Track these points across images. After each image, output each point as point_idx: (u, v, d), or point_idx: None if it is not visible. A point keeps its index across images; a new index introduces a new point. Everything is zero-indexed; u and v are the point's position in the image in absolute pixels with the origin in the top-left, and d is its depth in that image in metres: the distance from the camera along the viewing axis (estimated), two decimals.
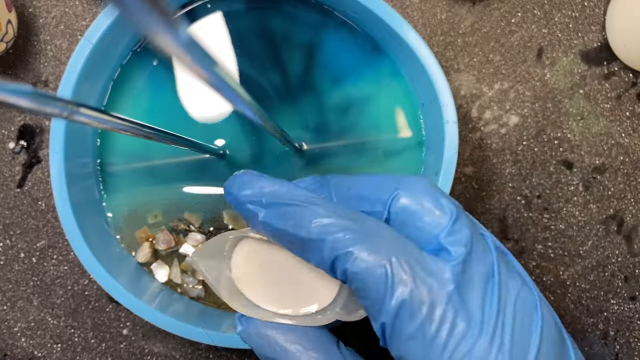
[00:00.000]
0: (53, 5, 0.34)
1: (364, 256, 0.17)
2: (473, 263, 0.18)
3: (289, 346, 0.21)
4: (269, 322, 0.21)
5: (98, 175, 0.32)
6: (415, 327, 0.17)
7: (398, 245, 0.18)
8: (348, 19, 0.32)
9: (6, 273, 0.34)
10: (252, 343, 0.22)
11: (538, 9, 0.35)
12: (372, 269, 0.17)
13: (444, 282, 0.17)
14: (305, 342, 0.21)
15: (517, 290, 0.18)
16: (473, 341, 0.17)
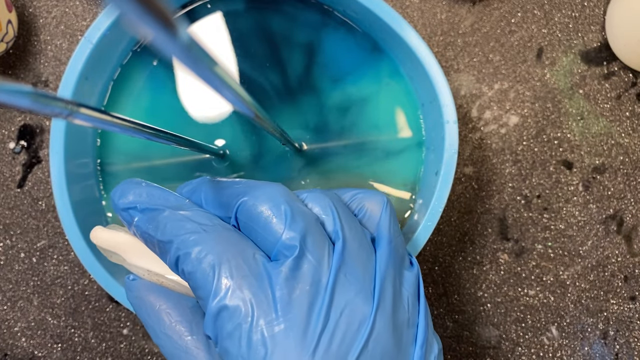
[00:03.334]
0: (53, 6, 0.34)
1: (199, 257, 0.18)
2: (302, 269, 0.18)
3: (161, 313, 0.22)
4: (152, 289, 0.22)
5: (98, 175, 0.32)
6: (233, 327, 0.17)
7: (234, 248, 0.19)
8: (348, 19, 0.32)
9: (6, 273, 0.34)
10: (134, 307, 0.23)
11: (538, 9, 0.35)
12: (204, 269, 0.18)
13: (268, 288, 0.18)
14: (177, 314, 0.22)
15: (347, 299, 0.18)
16: (290, 346, 0.17)
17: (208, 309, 0.18)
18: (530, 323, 0.35)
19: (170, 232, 0.19)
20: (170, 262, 0.19)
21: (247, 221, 0.19)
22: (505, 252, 0.35)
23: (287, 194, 0.20)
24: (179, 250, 0.19)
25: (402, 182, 0.32)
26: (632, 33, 0.32)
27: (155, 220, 0.20)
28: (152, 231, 0.20)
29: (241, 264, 0.18)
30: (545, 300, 0.35)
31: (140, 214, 0.21)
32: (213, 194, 0.21)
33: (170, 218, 0.20)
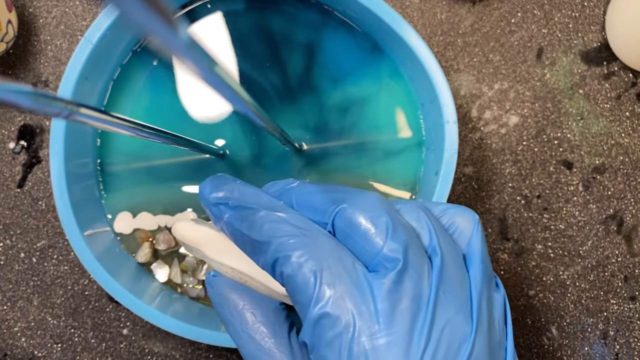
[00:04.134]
0: (53, 6, 0.34)
1: (299, 261, 0.18)
2: (405, 283, 0.18)
3: (245, 312, 0.22)
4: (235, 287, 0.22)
5: (98, 175, 0.32)
6: (333, 336, 0.17)
7: (334, 256, 0.18)
8: (348, 19, 0.32)
9: (6, 273, 0.34)
10: (215, 303, 0.23)
11: (538, 9, 0.35)
12: (304, 274, 0.18)
13: (370, 299, 0.17)
14: (260, 315, 0.22)
15: (448, 318, 0.18)
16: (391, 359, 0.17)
17: (308, 315, 0.18)
18: (530, 323, 0.35)
19: (267, 233, 0.19)
20: (265, 263, 0.19)
21: (345, 229, 0.19)
22: (505, 252, 0.35)
23: (386, 204, 0.20)
24: (277, 252, 0.19)
25: (402, 182, 0.32)
26: (632, 33, 0.32)
27: (250, 219, 0.20)
28: (246, 230, 0.20)
29: (342, 272, 0.18)
30: (545, 300, 0.35)
31: (231, 210, 0.20)
32: (305, 197, 0.21)
33: (267, 218, 0.19)
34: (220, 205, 0.21)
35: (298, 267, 0.18)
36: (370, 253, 0.18)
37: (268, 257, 0.19)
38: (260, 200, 0.20)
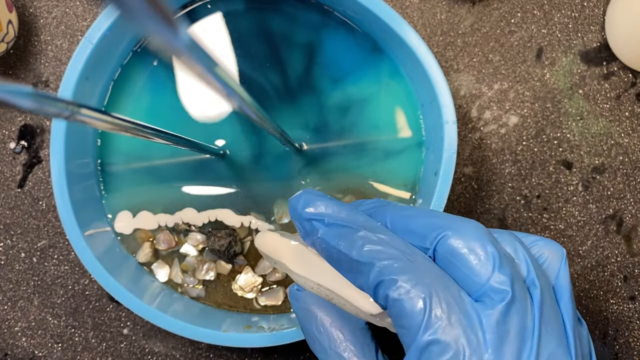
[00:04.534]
0: (54, 6, 0.34)
1: (407, 286, 0.18)
2: (512, 315, 0.18)
3: (333, 330, 0.22)
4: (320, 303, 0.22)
5: (99, 175, 0.32)
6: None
7: (441, 282, 0.18)
8: (348, 19, 0.32)
9: (7, 273, 0.35)
10: (300, 318, 0.23)
11: (538, 9, 0.35)
12: (412, 299, 0.18)
13: (479, 329, 0.18)
14: (349, 333, 0.22)
15: (550, 351, 0.18)
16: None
17: (416, 341, 0.18)
18: None
19: (369, 255, 0.19)
20: (366, 284, 0.19)
21: (448, 256, 0.19)
22: None
23: (489, 234, 0.20)
24: (382, 275, 0.19)
25: (402, 182, 0.32)
26: (632, 33, 0.32)
27: (349, 238, 0.20)
28: (345, 249, 0.20)
29: (450, 300, 0.18)
30: None
31: (326, 227, 0.21)
32: (402, 219, 0.21)
33: (368, 239, 0.19)
34: (313, 221, 0.21)
35: (406, 292, 0.18)
36: (475, 283, 0.19)
37: (371, 278, 0.19)
38: (357, 220, 0.20)
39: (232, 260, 0.32)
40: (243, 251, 0.32)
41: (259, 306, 0.32)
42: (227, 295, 0.32)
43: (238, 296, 0.32)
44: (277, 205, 0.32)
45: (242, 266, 0.32)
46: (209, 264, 0.32)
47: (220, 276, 0.32)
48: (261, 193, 0.32)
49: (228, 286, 0.32)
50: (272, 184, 0.32)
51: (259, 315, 0.32)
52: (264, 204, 0.32)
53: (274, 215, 0.32)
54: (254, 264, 0.32)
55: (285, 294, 0.32)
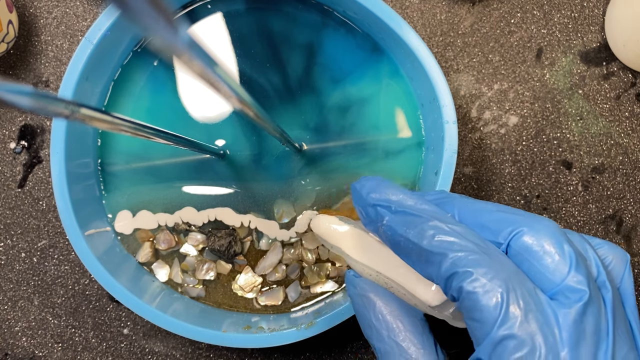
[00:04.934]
0: (54, 6, 0.34)
1: (483, 279, 0.18)
2: (588, 315, 0.18)
3: (393, 319, 0.22)
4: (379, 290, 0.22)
5: (99, 175, 0.32)
6: (517, 358, 0.17)
7: (517, 278, 0.18)
8: (348, 20, 0.32)
9: (7, 273, 0.35)
10: (356, 304, 0.23)
11: (537, 10, 0.35)
12: (488, 293, 0.18)
13: (555, 327, 0.18)
14: (408, 323, 0.22)
15: (623, 354, 0.18)
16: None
17: (491, 334, 0.18)
18: None
19: (441, 245, 0.19)
20: (436, 274, 0.19)
21: (523, 252, 0.19)
22: None
23: (564, 233, 0.20)
24: (455, 266, 0.18)
25: (402, 181, 0.32)
26: (632, 33, 0.32)
27: (418, 227, 0.19)
28: (414, 238, 0.19)
29: (526, 296, 0.18)
30: None
31: (393, 214, 0.20)
32: (472, 213, 0.20)
33: (440, 229, 0.19)
34: (379, 207, 0.21)
35: (482, 285, 0.18)
36: (551, 281, 0.18)
37: (443, 269, 0.19)
38: (425, 209, 0.20)
39: (232, 260, 0.32)
40: (243, 251, 0.32)
41: (259, 306, 0.32)
42: (227, 295, 0.32)
43: (238, 296, 0.32)
44: (277, 205, 0.32)
45: (242, 266, 0.32)
46: (209, 264, 0.32)
47: (220, 276, 0.32)
48: (261, 193, 0.32)
49: (228, 286, 0.32)
50: (272, 184, 0.32)
51: (259, 315, 0.32)
52: (264, 203, 0.32)
53: (274, 215, 0.32)
54: (254, 264, 0.32)
55: (285, 293, 0.32)
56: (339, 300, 0.31)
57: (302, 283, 0.32)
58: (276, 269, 0.32)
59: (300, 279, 0.32)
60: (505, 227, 0.20)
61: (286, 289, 0.32)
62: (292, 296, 0.32)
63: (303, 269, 0.32)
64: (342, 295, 0.31)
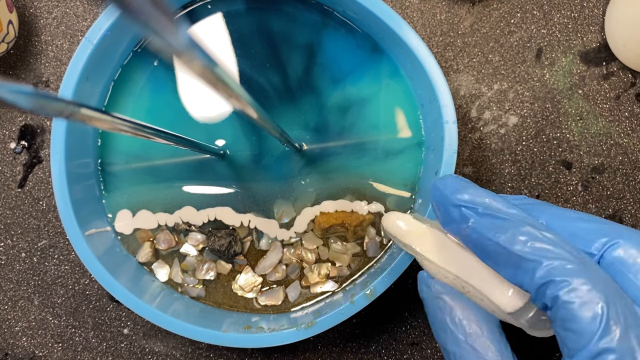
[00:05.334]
0: (54, 6, 0.34)
1: (582, 290, 0.18)
2: None
3: (472, 324, 0.21)
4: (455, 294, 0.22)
5: (99, 175, 0.32)
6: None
7: (615, 290, 0.18)
8: (348, 20, 0.32)
9: (7, 273, 0.35)
10: (430, 306, 0.22)
11: (537, 10, 0.35)
12: (587, 304, 0.17)
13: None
14: (486, 329, 0.21)
15: None
16: None
17: (589, 347, 0.17)
18: None
19: (535, 252, 0.18)
20: (529, 282, 0.19)
21: (619, 266, 0.19)
22: None
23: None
24: (551, 275, 0.18)
25: (402, 182, 0.32)
26: (631, 33, 0.32)
27: (509, 231, 0.19)
28: (505, 243, 0.19)
29: (626, 311, 0.18)
30: None
31: (480, 217, 0.20)
32: (559, 220, 0.20)
33: (532, 236, 0.19)
34: (464, 209, 0.20)
35: (580, 296, 0.18)
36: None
37: (537, 276, 0.18)
38: (514, 214, 0.20)
39: (232, 260, 0.32)
40: (243, 251, 0.32)
41: (259, 306, 0.32)
42: (227, 295, 0.32)
43: (238, 296, 0.32)
44: (277, 205, 0.32)
45: (242, 266, 0.32)
46: (209, 264, 0.32)
47: (220, 276, 0.32)
48: (261, 193, 0.32)
49: (228, 286, 0.32)
50: (272, 184, 0.32)
51: (259, 315, 0.32)
52: (264, 203, 0.32)
53: (274, 215, 0.32)
54: (254, 263, 0.32)
55: (285, 293, 0.32)
56: (338, 300, 0.31)
57: (302, 283, 0.32)
58: (276, 268, 0.32)
59: (300, 279, 0.32)
60: (598, 237, 0.19)
61: (286, 289, 0.32)
62: (292, 296, 0.32)
63: (303, 269, 0.32)
64: (341, 295, 0.31)
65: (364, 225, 0.32)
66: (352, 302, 0.29)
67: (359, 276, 0.32)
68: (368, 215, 0.32)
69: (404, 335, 0.34)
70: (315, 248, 0.32)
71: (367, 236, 0.32)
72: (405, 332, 0.34)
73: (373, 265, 0.32)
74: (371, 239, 0.32)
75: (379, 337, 0.34)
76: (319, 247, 0.32)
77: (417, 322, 0.34)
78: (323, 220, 0.31)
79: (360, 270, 0.32)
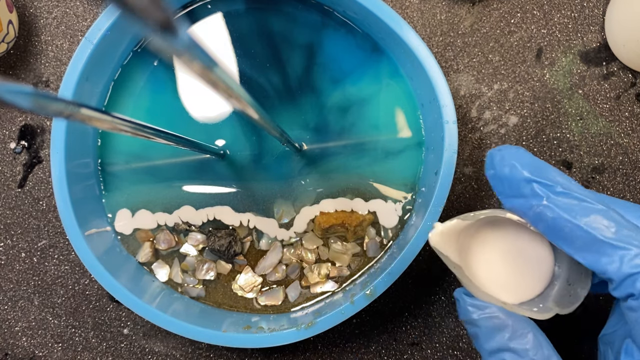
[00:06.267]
0: (54, 6, 0.34)
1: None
2: None
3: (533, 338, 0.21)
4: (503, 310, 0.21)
5: (99, 175, 0.32)
6: None
7: None
8: (348, 20, 0.32)
9: (7, 273, 0.35)
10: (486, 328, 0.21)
11: (537, 10, 0.35)
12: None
13: None
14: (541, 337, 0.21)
15: None
16: None
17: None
18: None
19: (621, 238, 0.18)
20: (618, 269, 0.18)
21: None
22: None
23: None
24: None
25: (402, 182, 0.32)
26: (632, 33, 0.32)
27: (591, 214, 0.18)
28: (587, 225, 0.18)
29: None
30: None
31: (556, 196, 0.19)
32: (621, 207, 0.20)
33: (617, 221, 0.18)
34: (537, 185, 0.19)
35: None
36: None
37: (624, 264, 0.18)
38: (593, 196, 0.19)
39: (232, 260, 0.32)
40: (243, 251, 0.32)
41: (259, 306, 0.32)
42: (227, 295, 0.32)
43: (238, 296, 0.32)
44: (277, 204, 0.32)
45: (242, 266, 0.32)
46: (209, 264, 0.32)
47: (220, 276, 0.32)
48: (261, 193, 0.32)
49: (228, 286, 0.32)
50: (272, 184, 0.32)
51: (259, 315, 0.32)
52: (264, 203, 0.32)
53: (274, 215, 0.32)
54: (254, 263, 0.32)
55: (285, 293, 0.32)
56: (339, 300, 0.31)
57: (302, 283, 0.32)
58: (276, 269, 0.32)
59: (300, 279, 0.32)
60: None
61: (286, 289, 0.32)
62: (292, 296, 0.32)
63: (303, 269, 0.32)
64: (342, 295, 0.31)
65: (364, 226, 0.32)
66: (352, 302, 0.29)
67: (359, 276, 0.32)
68: (368, 216, 0.32)
69: (404, 335, 0.34)
70: (315, 248, 0.32)
71: (367, 236, 0.32)
72: (405, 332, 0.34)
73: (373, 265, 0.32)
74: (371, 239, 0.32)
75: (379, 337, 0.34)
76: (319, 247, 0.32)
77: (417, 322, 0.34)
78: (323, 221, 0.31)
79: (360, 270, 0.32)
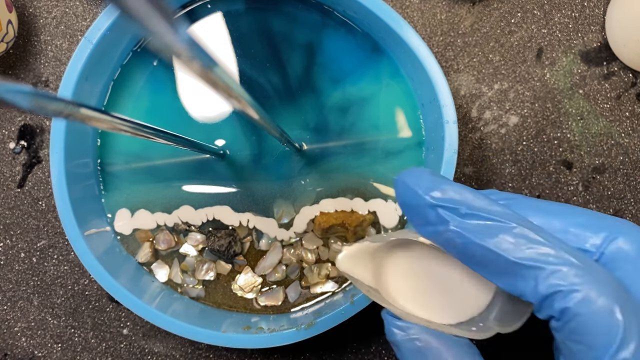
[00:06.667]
0: (53, 6, 0.34)
1: (594, 298, 0.16)
2: None
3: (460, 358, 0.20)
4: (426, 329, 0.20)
5: (98, 175, 0.32)
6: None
7: (623, 294, 0.17)
8: (348, 19, 0.32)
9: (6, 273, 0.35)
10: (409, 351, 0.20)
11: (538, 9, 0.35)
12: (601, 314, 0.16)
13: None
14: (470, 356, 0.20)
15: None
16: None
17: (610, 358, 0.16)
18: None
19: (533, 257, 0.16)
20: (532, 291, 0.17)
21: (619, 261, 0.17)
22: None
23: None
24: (556, 285, 0.16)
25: None
26: (632, 33, 0.32)
27: (499, 234, 0.17)
28: (495, 247, 0.17)
29: (638, 314, 0.16)
30: None
31: (462, 218, 0.17)
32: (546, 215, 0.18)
33: (527, 238, 0.17)
34: (441, 209, 0.17)
35: (588, 305, 0.16)
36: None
37: (540, 286, 0.16)
38: (499, 212, 0.17)
39: (232, 260, 0.32)
40: (243, 251, 0.32)
41: (259, 306, 0.32)
42: (226, 295, 0.32)
43: (238, 296, 0.32)
44: (277, 205, 0.32)
45: (242, 266, 0.32)
46: (208, 264, 0.32)
47: (220, 276, 0.32)
48: (261, 193, 0.32)
49: (228, 286, 0.32)
50: (272, 184, 0.32)
51: (258, 316, 0.32)
52: (264, 203, 0.32)
53: (274, 215, 0.32)
54: (253, 264, 0.32)
55: (285, 294, 0.32)
56: (339, 300, 0.31)
57: (302, 283, 0.32)
58: (276, 269, 0.32)
59: (300, 279, 0.32)
60: (594, 232, 0.18)
61: (286, 289, 0.32)
62: (292, 296, 0.32)
63: (303, 269, 0.32)
64: (342, 295, 0.31)
65: (364, 226, 0.32)
66: (352, 302, 0.29)
67: None
68: (368, 216, 0.32)
69: None
70: (315, 248, 0.32)
71: (368, 236, 0.32)
72: None
73: None
74: None
75: (379, 337, 0.34)
76: (319, 247, 0.32)
77: None
78: (323, 221, 0.31)
79: None
